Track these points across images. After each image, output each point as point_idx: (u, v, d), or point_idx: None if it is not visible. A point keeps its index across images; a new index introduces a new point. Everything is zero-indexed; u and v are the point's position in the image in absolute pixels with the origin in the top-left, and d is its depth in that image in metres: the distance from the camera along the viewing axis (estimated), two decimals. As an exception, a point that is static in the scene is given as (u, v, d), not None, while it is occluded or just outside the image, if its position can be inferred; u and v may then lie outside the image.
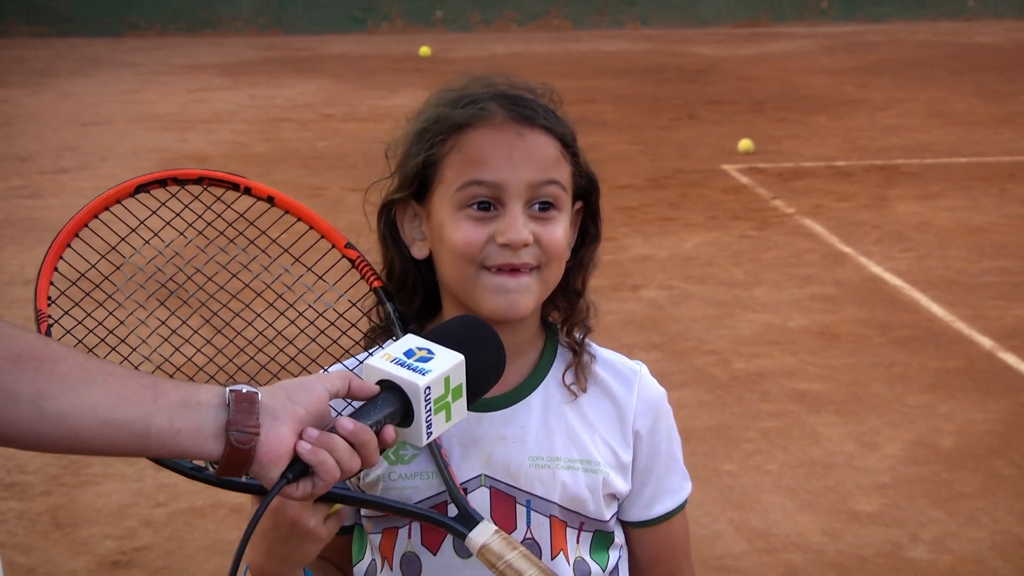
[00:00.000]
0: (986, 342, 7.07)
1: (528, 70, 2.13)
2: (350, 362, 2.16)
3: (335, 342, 2.19)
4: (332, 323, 2.20)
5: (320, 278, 2.23)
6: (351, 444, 1.79)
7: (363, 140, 12.13)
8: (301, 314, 2.21)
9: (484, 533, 1.97)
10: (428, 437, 1.86)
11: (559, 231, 2.06)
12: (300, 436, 1.77)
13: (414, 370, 1.84)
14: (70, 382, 1.67)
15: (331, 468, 1.77)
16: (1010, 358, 6.85)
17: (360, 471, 2.00)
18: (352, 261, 2.20)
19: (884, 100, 14.60)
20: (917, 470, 5.59)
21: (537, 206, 2.05)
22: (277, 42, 20.38)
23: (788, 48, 18.96)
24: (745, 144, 11.84)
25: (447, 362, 1.86)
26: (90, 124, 13.38)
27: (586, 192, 2.16)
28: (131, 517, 5.21)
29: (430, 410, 1.85)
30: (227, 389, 1.75)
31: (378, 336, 2.18)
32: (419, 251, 2.13)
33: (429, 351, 1.87)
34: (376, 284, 2.18)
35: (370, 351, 2.15)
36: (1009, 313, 7.54)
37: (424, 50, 18.61)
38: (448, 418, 1.88)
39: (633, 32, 21.54)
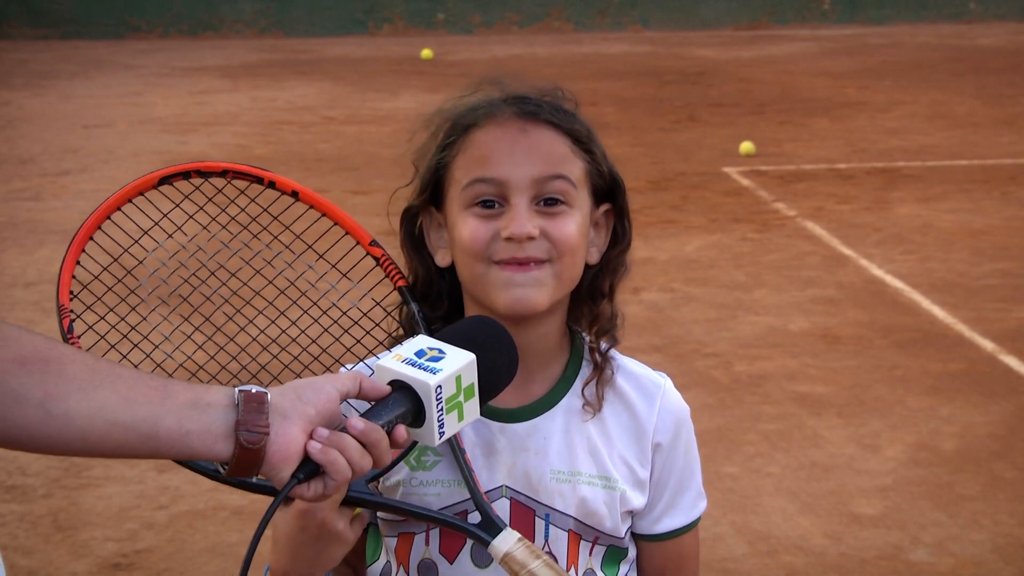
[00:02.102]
0: (988, 345, 7.07)
1: (529, 72, 2.11)
2: (372, 361, 2.14)
3: (359, 342, 2.18)
4: (356, 322, 2.20)
5: (344, 275, 2.22)
6: (362, 444, 1.78)
7: (365, 143, 12.13)
8: (325, 312, 2.21)
9: (507, 541, 1.97)
10: (440, 437, 1.85)
11: (570, 225, 2.03)
12: (311, 436, 1.77)
13: (425, 369, 1.84)
14: (78, 384, 1.67)
15: (342, 468, 1.76)
16: (1012, 361, 6.85)
17: (381, 474, 2.00)
18: (377, 259, 2.19)
19: (885, 102, 14.60)
20: (918, 473, 5.59)
21: (544, 202, 2.03)
22: (278, 44, 20.38)
23: (789, 50, 18.96)
24: (746, 146, 11.84)
25: (458, 361, 1.86)
26: (92, 126, 13.39)
27: (611, 193, 2.13)
28: (132, 519, 5.21)
29: (442, 409, 1.84)
30: (236, 389, 1.74)
31: (403, 337, 2.16)
32: (442, 259, 2.12)
33: (440, 351, 1.87)
34: (401, 283, 2.17)
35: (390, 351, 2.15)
36: (1011, 316, 7.54)
37: (426, 52, 18.61)
38: (460, 418, 1.87)
39: (634, 34, 21.54)
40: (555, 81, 2.18)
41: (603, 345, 2.15)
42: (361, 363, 2.15)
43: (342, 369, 2.14)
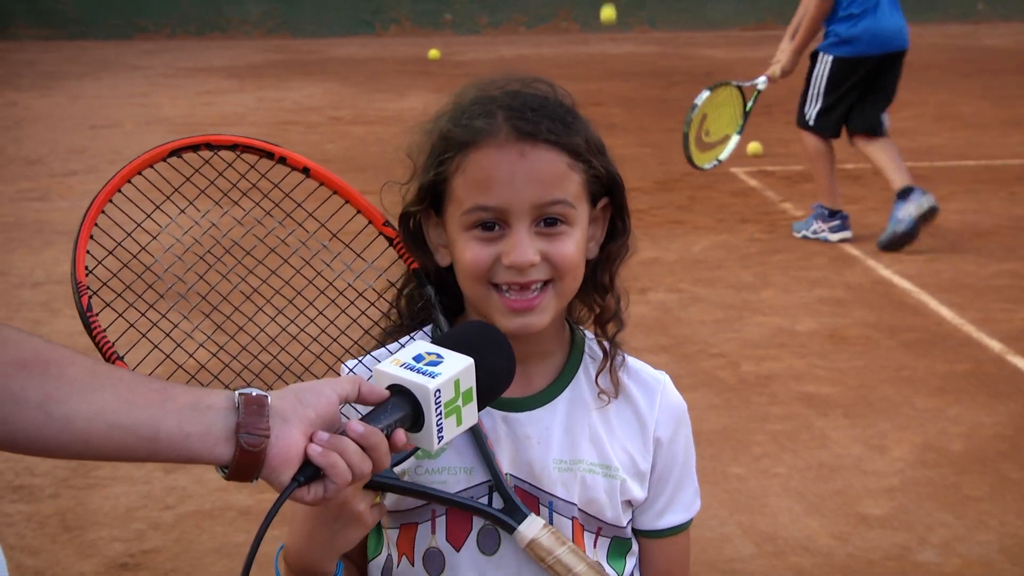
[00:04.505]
0: (995, 345, 7.06)
1: (536, 73, 2.11)
2: (371, 364, 2.16)
3: (376, 323, 2.19)
4: (372, 303, 2.20)
5: (359, 255, 2.21)
6: (362, 447, 1.79)
7: (371, 143, 12.13)
8: (341, 293, 2.22)
9: (533, 527, 2.01)
10: (439, 442, 1.87)
11: (569, 246, 2.05)
12: (311, 439, 1.77)
13: (423, 374, 1.85)
14: (78, 386, 1.67)
15: (342, 471, 1.77)
16: (1019, 361, 6.84)
17: (401, 460, 2.01)
18: (390, 240, 2.20)
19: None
20: (925, 473, 5.58)
21: (544, 222, 2.05)
22: (285, 45, 20.39)
23: (796, 51, 18.92)
24: (754, 147, 11.82)
25: (456, 366, 1.87)
26: (99, 127, 13.40)
27: (609, 189, 2.14)
28: (139, 520, 5.22)
29: (440, 414, 1.85)
30: (236, 392, 1.75)
31: (414, 323, 2.19)
32: (443, 259, 2.14)
33: (438, 355, 1.88)
34: (415, 265, 2.18)
35: (401, 341, 2.16)
36: (1017, 316, 7.53)
37: (433, 53, 18.61)
38: (459, 422, 1.89)
39: (641, 35, 21.53)
40: (559, 81, 2.18)
41: (611, 330, 2.17)
42: (369, 356, 2.16)
43: (345, 368, 2.15)
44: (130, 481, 5.50)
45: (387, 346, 2.16)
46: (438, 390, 1.84)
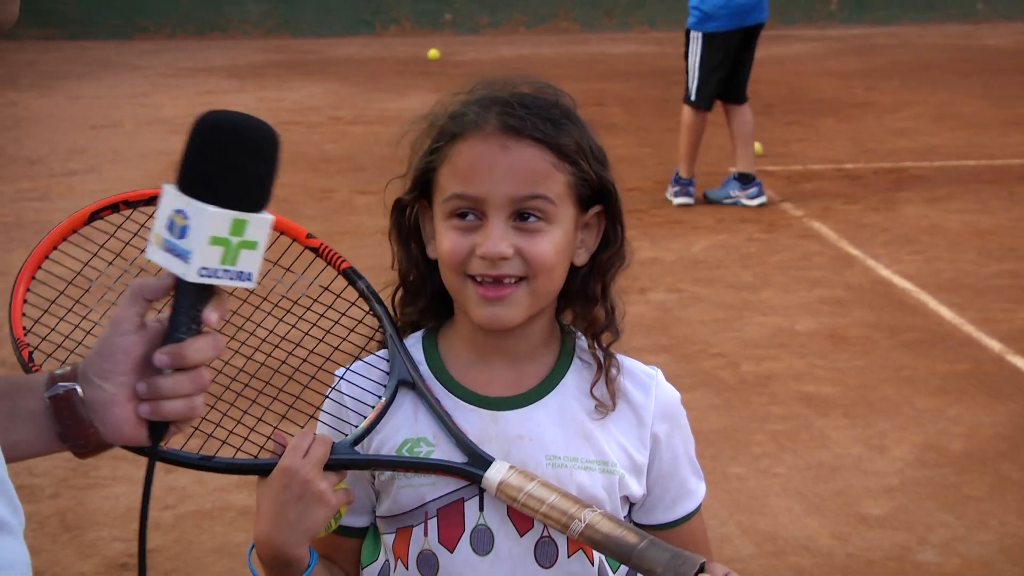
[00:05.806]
0: (995, 345, 7.06)
1: (536, 73, 2.12)
2: (371, 359, 2.18)
3: (328, 333, 2.20)
4: (308, 308, 2.22)
5: (287, 270, 2.23)
6: (178, 370, 1.66)
7: (371, 143, 12.13)
8: (276, 305, 2.24)
9: (499, 471, 2.02)
10: (250, 280, 1.67)
11: (545, 244, 2.05)
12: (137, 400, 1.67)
13: (179, 255, 1.63)
14: None
15: (182, 408, 1.67)
16: (1019, 361, 6.84)
17: (364, 435, 2.03)
18: (316, 250, 2.22)
19: (893, 103, 14.57)
20: (925, 473, 5.58)
21: (521, 217, 2.05)
22: (285, 45, 20.39)
23: (796, 50, 18.93)
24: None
25: (203, 224, 1.62)
26: (99, 127, 13.40)
27: (602, 197, 2.13)
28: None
29: (228, 271, 1.64)
30: (46, 396, 1.67)
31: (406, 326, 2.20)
32: (432, 251, 2.15)
33: (184, 215, 1.63)
34: (344, 266, 2.20)
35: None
36: (1017, 316, 7.53)
37: (432, 53, 18.61)
38: (253, 247, 1.65)
39: (641, 35, 21.53)
40: (559, 82, 2.19)
41: (606, 339, 2.17)
42: (360, 362, 2.17)
43: (336, 376, 2.17)
44: (130, 481, 5.50)
45: (378, 352, 2.18)
46: (203, 268, 1.62)
